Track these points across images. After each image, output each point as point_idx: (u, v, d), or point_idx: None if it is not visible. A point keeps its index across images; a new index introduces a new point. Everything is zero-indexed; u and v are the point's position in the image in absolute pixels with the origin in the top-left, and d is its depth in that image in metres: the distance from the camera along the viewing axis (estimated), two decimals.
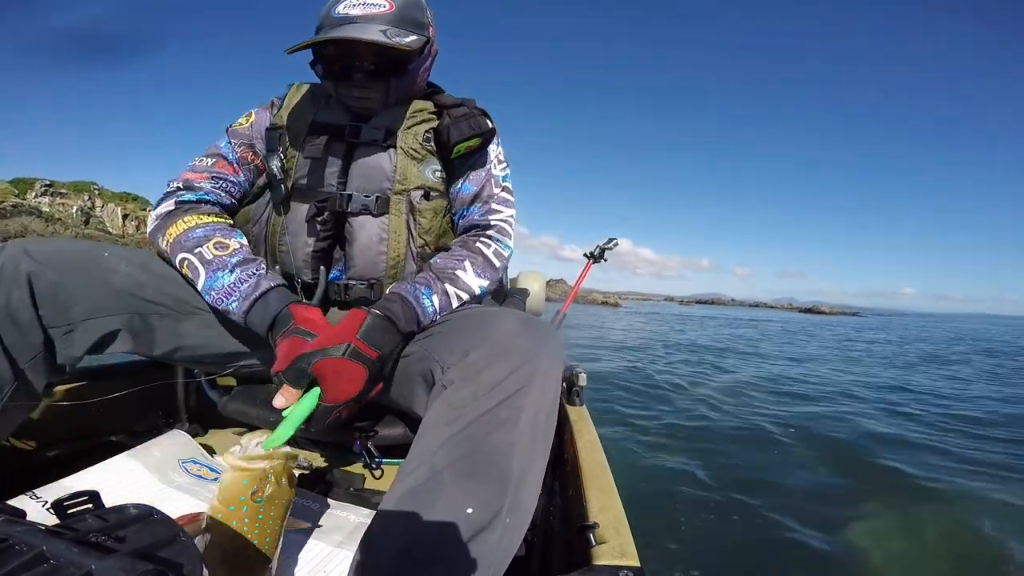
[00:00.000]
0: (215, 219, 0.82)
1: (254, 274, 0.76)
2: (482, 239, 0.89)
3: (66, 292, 0.73)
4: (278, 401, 0.67)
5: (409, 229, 0.86)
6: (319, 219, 0.83)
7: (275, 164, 0.83)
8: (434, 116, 0.88)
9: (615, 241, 2.20)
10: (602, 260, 2.19)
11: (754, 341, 11.62)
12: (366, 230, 0.85)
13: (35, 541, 0.29)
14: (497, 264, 0.87)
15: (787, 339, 12.91)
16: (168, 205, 0.83)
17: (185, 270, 0.77)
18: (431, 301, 0.77)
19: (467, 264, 0.83)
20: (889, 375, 6.75)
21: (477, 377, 0.61)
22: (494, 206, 0.91)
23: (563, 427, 1.06)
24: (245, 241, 0.81)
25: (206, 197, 0.85)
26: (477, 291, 0.82)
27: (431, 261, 0.85)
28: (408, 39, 0.79)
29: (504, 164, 0.96)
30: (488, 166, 0.92)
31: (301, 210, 0.85)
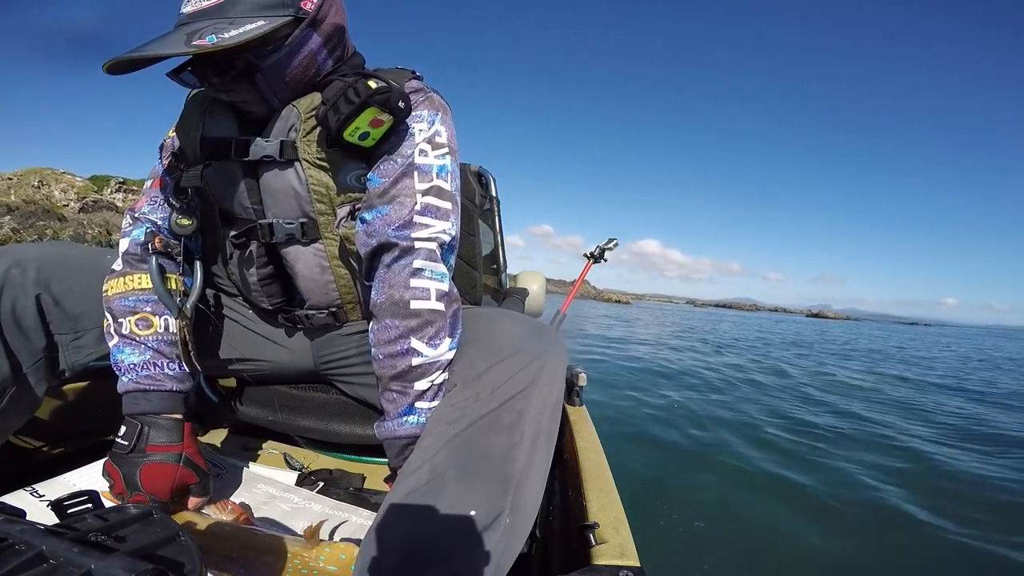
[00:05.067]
0: (149, 287, 0.73)
1: (160, 370, 0.70)
2: (413, 287, 0.65)
3: (74, 299, 0.74)
4: None
5: (347, 262, 0.74)
6: (245, 253, 0.75)
7: (171, 192, 0.74)
8: None
9: (615, 241, 2.21)
10: (602, 260, 2.21)
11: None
12: (303, 261, 0.75)
13: (35, 541, 0.29)
14: (446, 308, 0.66)
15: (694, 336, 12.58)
16: (118, 263, 0.75)
17: (104, 327, 0.73)
18: (415, 413, 0.64)
19: (415, 343, 0.64)
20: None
21: (479, 379, 0.61)
22: (417, 219, 0.67)
23: (563, 427, 1.06)
24: (172, 320, 0.73)
25: (151, 230, 0.76)
26: (450, 354, 0.65)
27: (374, 358, 0.68)
28: (238, 31, 0.58)
29: (443, 149, 0.70)
30: (408, 150, 0.68)
31: (229, 240, 0.76)
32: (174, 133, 0.77)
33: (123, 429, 0.68)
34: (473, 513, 0.52)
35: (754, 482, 2.45)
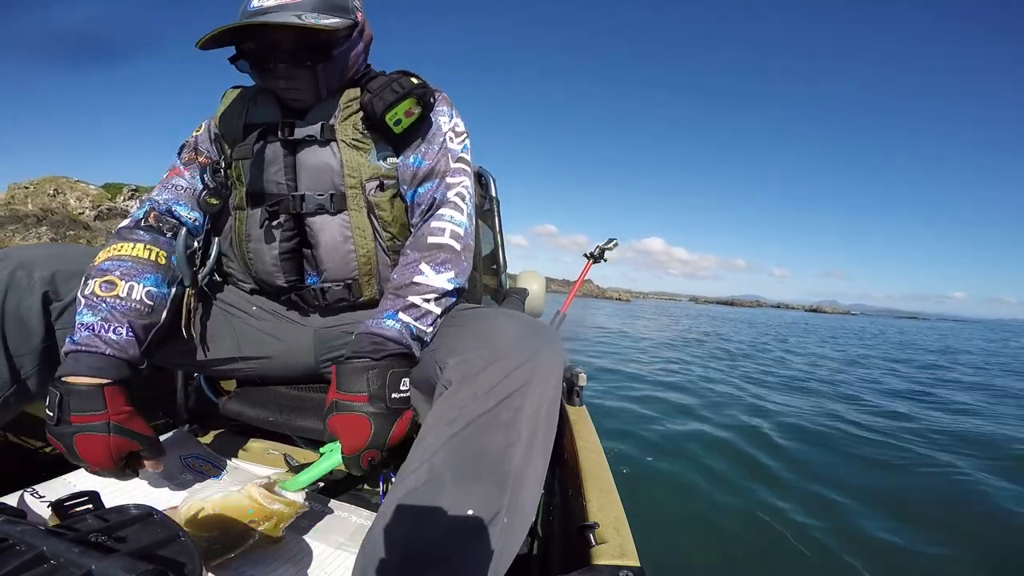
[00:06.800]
0: (131, 252, 0.76)
1: (105, 333, 0.69)
2: (432, 227, 0.79)
3: (75, 298, 0.74)
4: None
5: (373, 226, 0.83)
6: (275, 223, 0.81)
7: (208, 174, 0.81)
8: None
9: (615, 241, 2.22)
10: (602, 260, 2.21)
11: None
12: (328, 230, 0.82)
13: (35, 541, 0.29)
14: (458, 247, 0.79)
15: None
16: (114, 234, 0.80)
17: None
18: (396, 319, 0.71)
19: (423, 266, 0.75)
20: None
21: (476, 378, 0.61)
22: (448, 179, 0.84)
23: (563, 427, 1.06)
24: (145, 290, 0.74)
25: (143, 218, 0.81)
26: (448, 286, 0.75)
27: (391, 280, 0.77)
28: (328, 20, 0.73)
29: (462, 136, 0.88)
30: (443, 139, 0.85)
31: (257, 215, 0.82)
32: (199, 132, 0.87)
33: (47, 398, 0.65)
34: (471, 513, 0.52)
35: (755, 479, 2.45)
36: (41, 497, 0.73)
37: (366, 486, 0.96)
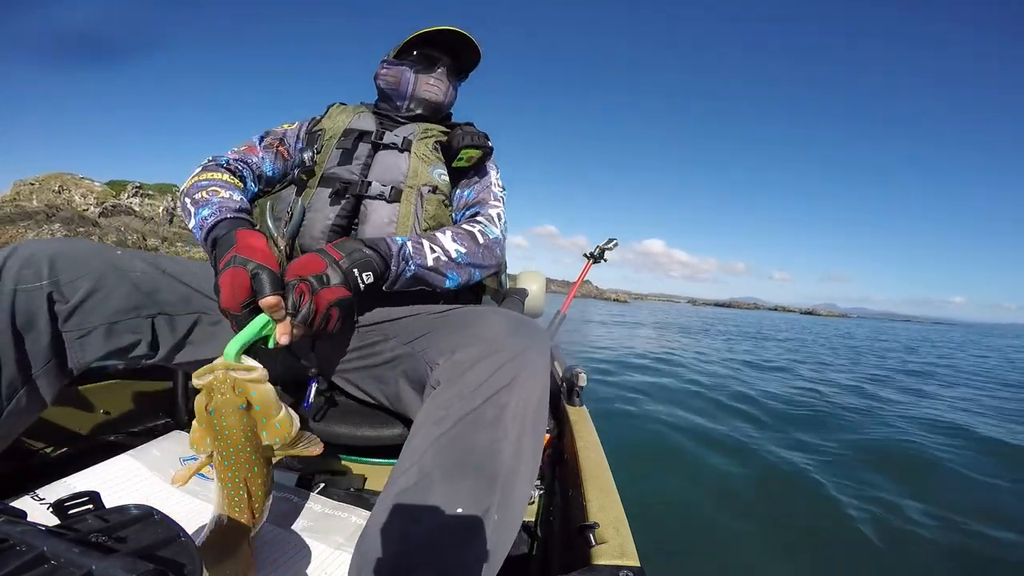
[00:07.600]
0: (221, 176, 0.93)
1: (225, 208, 0.82)
2: (468, 220, 1.01)
3: (81, 296, 0.73)
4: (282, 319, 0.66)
5: (416, 216, 0.98)
6: (341, 199, 0.97)
7: (307, 154, 1.02)
8: (443, 134, 1.08)
9: (614, 241, 2.22)
10: (602, 260, 2.21)
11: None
12: (378, 213, 0.96)
13: (36, 541, 0.29)
14: (480, 240, 0.95)
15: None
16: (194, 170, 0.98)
17: (183, 213, 0.88)
18: (405, 240, 0.85)
19: (447, 232, 0.93)
20: None
21: (463, 376, 0.61)
22: (491, 202, 1.08)
23: (563, 427, 1.06)
24: (239, 196, 0.88)
25: (225, 163, 1.00)
26: (452, 254, 0.89)
27: None
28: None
29: (503, 188, 1.14)
30: (490, 185, 1.11)
31: (326, 191, 0.98)
32: (290, 127, 1.12)
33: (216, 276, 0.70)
34: (460, 511, 0.52)
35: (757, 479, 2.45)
36: (41, 500, 0.73)
37: (367, 485, 0.96)
